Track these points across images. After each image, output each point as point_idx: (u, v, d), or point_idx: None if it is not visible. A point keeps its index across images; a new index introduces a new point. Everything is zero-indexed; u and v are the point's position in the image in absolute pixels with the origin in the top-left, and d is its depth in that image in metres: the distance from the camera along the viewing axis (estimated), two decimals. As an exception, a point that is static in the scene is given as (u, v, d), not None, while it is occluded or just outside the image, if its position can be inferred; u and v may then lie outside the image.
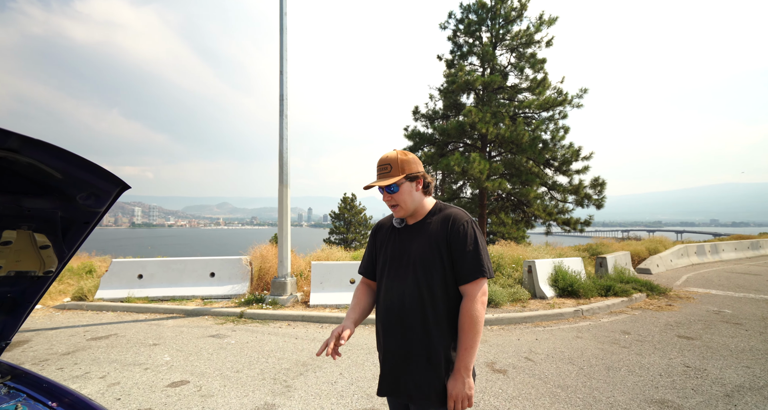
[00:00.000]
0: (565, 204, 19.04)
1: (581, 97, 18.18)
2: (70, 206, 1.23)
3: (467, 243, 1.51)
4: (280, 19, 6.93)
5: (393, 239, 1.67)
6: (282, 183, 6.76)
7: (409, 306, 1.52)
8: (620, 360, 4.36)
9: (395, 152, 1.61)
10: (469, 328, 1.44)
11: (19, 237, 1.24)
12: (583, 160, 18.21)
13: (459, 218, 1.56)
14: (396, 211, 1.62)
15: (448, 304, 1.52)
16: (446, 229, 1.54)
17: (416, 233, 1.61)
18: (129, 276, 7.21)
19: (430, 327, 1.50)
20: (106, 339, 5.09)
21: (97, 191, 1.22)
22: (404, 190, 1.58)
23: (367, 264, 1.80)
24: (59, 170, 1.07)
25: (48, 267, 1.39)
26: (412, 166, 1.60)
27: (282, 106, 6.80)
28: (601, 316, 6.43)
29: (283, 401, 3.32)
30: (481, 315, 1.46)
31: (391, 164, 1.58)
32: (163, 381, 3.73)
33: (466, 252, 1.50)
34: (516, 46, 19.27)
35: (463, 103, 19.07)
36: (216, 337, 5.16)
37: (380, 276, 1.68)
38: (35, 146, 0.97)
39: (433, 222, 1.59)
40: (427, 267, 1.52)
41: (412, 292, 1.52)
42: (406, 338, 1.52)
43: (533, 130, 18.14)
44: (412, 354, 1.50)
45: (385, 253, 1.68)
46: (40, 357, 4.43)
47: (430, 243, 1.54)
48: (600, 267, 9.66)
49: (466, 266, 1.49)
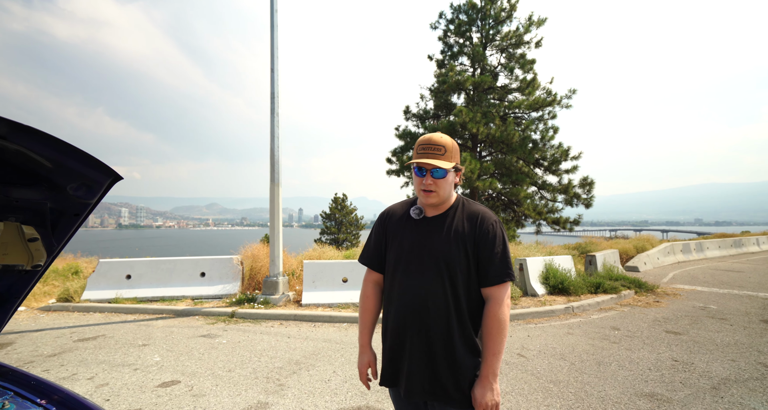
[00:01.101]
0: (554, 203, 19.27)
1: (570, 98, 18.43)
2: (60, 197, 1.20)
3: (496, 244, 1.46)
4: (270, 16, 6.88)
5: (409, 230, 1.55)
6: (273, 181, 6.71)
7: (432, 307, 1.45)
8: (610, 355, 4.42)
9: (447, 137, 1.50)
10: (497, 333, 1.39)
11: (6, 229, 1.20)
12: (572, 160, 18.46)
13: (488, 217, 1.50)
14: (429, 197, 1.48)
15: (470, 306, 1.46)
16: (474, 228, 1.47)
17: (437, 227, 1.51)
18: (117, 277, 7.08)
19: (454, 328, 1.43)
20: (94, 340, 4.99)
21: (89, 181, 1.19)
22: (449, 179, 1.49)
23: (374, 254, 1.66)
24: (49, 159, 1.04)
25: (36, 261, 1.35)
26: (458, 156, 1.53)
27: (273, 104, 6.75)
28: (591, 313, 6.51)
29: (277, 399, 3.29)
30: (508, 319, 1.42)
31: (446, 147, 1.47)
32: (153, 381, 3.67)
33: (494, 254, 1.45)
34: (506, 46, 19.44)
35: (453, 103, 19.17)
36: (207, 337, 5.09)
37: (393, 270, 1.56)
38: (24, 133, 0.94)
39: (457, 218, 1.51)
40: (452, 266, 1.44)
41: (435, 292, 1.45)
42: (429, 339, 1.45)
43: (523, 130, 18.33)
44: (436, 355, 1.44)
45: (400, 246, 1.55)
46: (25, 359, 4.33)
47: (456, 241, 1.46)
48: (589, 264, 9.78)
49: (494, 268, 1.44)
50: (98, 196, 1.27)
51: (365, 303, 1.67)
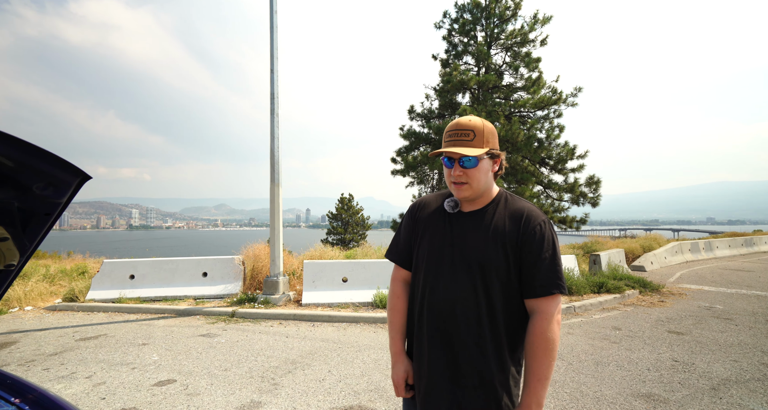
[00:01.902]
0: (560, 202, 19.13)
1: (576, 96, 18.28)
2: (27, 197, 1.21)
3: (544, 248, 1.23)
4: (270, 17, 6.91)
5: (441, 225, 1.36)
6: (274, 182, 6.75)
7: (461, 315, 1.25)
8: (609, 355, 4.36)
9: (479, 119, 1.30)
10: (543, 354, 1.17)
11: (-25, 229, 1.22)
12: (578, 159, 18.31)
13: (535, 216, 1.28)
14: (461, 191, 1.29)
15: (508, 319, 1.26)
16: (518, 228, 1.26)
17: (475, 224, 1.31)
18: (121, 277, 7.17)
19: (486, 343, 1.24)
20: (95, 339, 5.05)
21: (55, 181, 1.20)
22: (482, 167, 1.27)
23: (403, 250, 1.46)
24: (10, 158, 1.05)
25: (8, 260, 1.37)
26: (495, 140, 1.31)
27: (273, 104, 6.78)
28: (593, 313, 6.44)
29: (270, 398, 3.31)
30: (558, 339, 1.20)
31: (475, 131, 1.26)
32: (149, 380, 3.71)
33: (541, 260, 1.23)
34: (511, 45, 19.35)
35: (458, 103, 19.11)
36: (206, 336, 5.14)
37: (419, 269, 1.38)
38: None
39: (498, 215, 1.30)
40: (488, 270, 1.24)
41: (466, 298, 1.25)
42: (454, 353, 1.26)
43: (528, 128, 18.23)
44: (461, 373, 1.25)
45: (431, 242, 1.36)
46: (27, 358, 4.40)
47: (495, 242, 1.26)
48: (594, 264, 9.68)
49: (542, 277, 1.22)
50: (68, 196, 1.29)
51: (395, 303, 1.47)
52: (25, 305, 7.01)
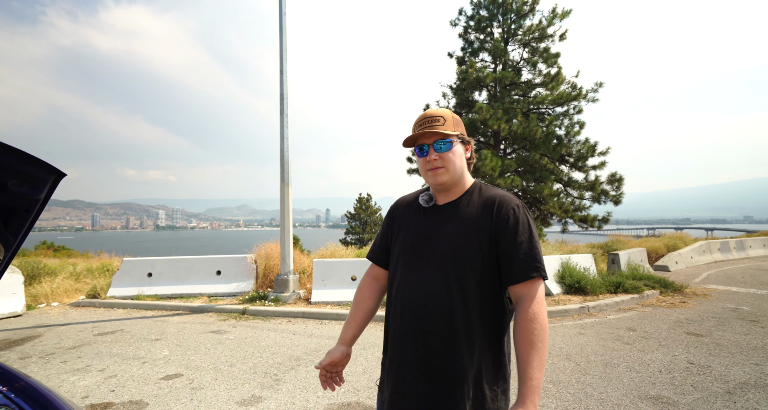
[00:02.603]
0: (581, 201, 18.67)
1: (596, 91, 17.81)
2: (3, 193, 1.27)
3: (519, 232, 1.19)
4: (279, 19, 7.02)
5: (416, 220, 1.36)
6: (283, 181, 6.84)
7: (433, 308, 1.22)
8: (620, 356, 4.22)
9: (445, 108, 1.33)
10: (538, 339, 1.10)
11: (-43, 224, 1.29)
12: (600, 156, 17.83)
13: (508, 201, 1.25)
14: (438, 175, 1.28)
15: (483, 311, 1.22)
16: (491, 215, 1.23)
17: (448, 216, 1.29)
18: (139, 275, 7.43)
19: (459, 336, 1.20)
20: (112, 334, 5.25)
21: (29, 178, 1.25)
22: (456, 151, 1.28)
23: (379, 249, 1.48)
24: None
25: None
26: (463, 128, 1.33)
27: (282, 105, 6.88)
28: (608, 313, 6.25)
29: (270, 394, 3.36)
30: (547, 322, 1.14)
31: (445, 117, 1.28)
32: (158, 374, 3.83)
33: (518, 245, 1.18)
34: (528, 40, 19.01)
35: (475, 101, 18.91)
36: (216, 333, 5.26)
37: (395, 264, 1.37)
38: None
39: (471, 205, 1.28)
40: (461, 260, 1.22)
41: (438, 290, 1.23)
42: (427, 347, 1.23)
43: (547, 125, 17.88)
44: (433, 368, 1.21)
45: (404, 237, 1.35)
46: (48, 351, 4.61)
47: (468, 231, 1.23)
48: (612, 263, 9.39)
49: (520, 262, 1.17)
50: (45, 193, 1.34)
51: (356, 296, 1.51)
52: (51, 301, 7.35)
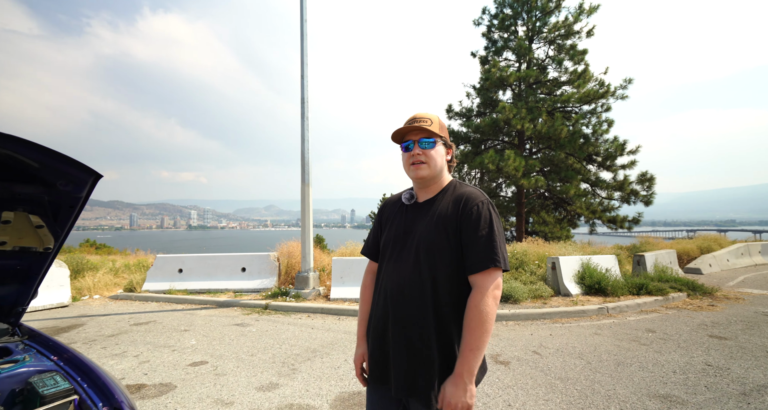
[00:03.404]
0: (610, 201, 18.16)
1: (625, 88, 17.34)
2: (53, 192, 1.51)
3: (480, 226, 1.31)
4: (300, 26, 7.29)
5: (400, 216, 1.51)
6: (304, 182, 7.11)
7: (408, 294, 1.36)
8: (634, 356, 4.19)
9: (433, 113, 1.49)
10: (476, 326, 1.23)
11: (17, 217, 1.54)
12: (629, 154, 17.34)
13: (474, 197, 1.37)
14: (419, 170, 1.43)
15: (453, 299, 1.34)
16: (457, 210, 1.36)
17: (425, 212, 1.43)
18: (171, 271, 7.89)
19: (430, 319, 1.32)
20: (146, 325, 5.65)
21: (73, 179, 1.49)
22: (438, 151, 1.44)
23: (371, 244, 1.64)
24: (34, 160, 1.34)
25: (46, 244, 1.69)
26: (447, 134, 1.50)
27: (303, 108, 7.15)
28: (628, 315, 6.14)
29: (287, 381, 3.57)
30: (492, 312, 1.25)
31: (433, 120, 1.44)
32: (185, 361, 4.13)
33: (477, 237, 1.30)
34: (554, 38, 18.72)
35: (499, 100, 18.74)
36: (240, 326, 5.56)
37: (382, 257, 1.53)
38: (9, 140, 1.24)
39: (444, 201, 1.42)
40: (433, 252, 1.34)
41: (412, 279, 1.36)
42: (401, 329, 1.36)
43: (573, 124, 17.52)
44: (412, 348, 1.34)
45: (389, 232, 1.51)
46: (90, 338, 5.03)
47: (439, 225, 1.36)
48: (637, 265, 9.15)
49: (477, 253, 1.29)
50: (86, 192, 1.58)
51: (363, 293, 1.64)
52: (93, 294, 7.92)
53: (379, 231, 1.61)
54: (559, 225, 19.34)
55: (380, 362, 1.43)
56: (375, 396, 1.51)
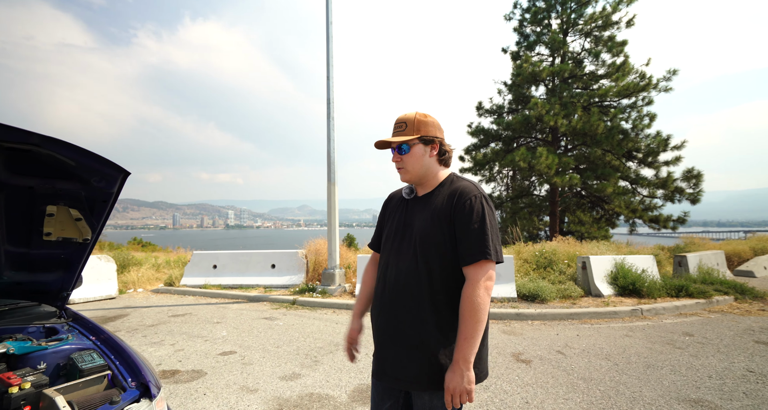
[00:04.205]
0: (652, 199, 17.27)
1: (669, 80, 16.44)
2: (89, 188, 1.68)
3: (472, 220, 1.35)
4: (326, 28, 7.47)
5: (400, 210, 1.57)
6: (330, 181, 7.28)
7: (404, 284, 1.42)
8: (666, 359, 4.01)
9: (414, 112, 1.50)
10: (469, 316, 1.29)
11: (59, 211, 1.73)
12: (674, 150, 16.41)
13: (467, 191, 1.41)
14: (402, 174, 1.51)
15: (447, 289, 1.39)
16: (451, 204, 1.40)
17: (423, 206, 1.48)
18: (206, 266, 8.31)
19: (425, 308, 1.38)
20: (183, 316, 5.99)
21: (105, 176, 1.65)
22: (415, 153, 1.47)
23: (376, 238, 1.70)
24: (72, 159, 1.51)
25: (85, 235, 1.88)
26: (429, 128, 1.48)
27: (329, 109, 7.32)
28: (665, 317, 5.85)
29: (308, 372, 3.71)
30: (483, 302, 1.30)
31: (407, 123, 1.47)
32: (216, 350, 4.37)
33: (470, 230, 1.34)
34: (590, 30, 18.06)
35: (531, 96, 18.28)
36: (268, 319, 5.78)
37: (383, 249, 1.59)
38: (51, 141, 1.40)
39: (441, 195, 1.46)
40: (429, 245, 1.40)
41: (409, 270, 1.41)
42: (399, 318, 1.42)
43: (610, 119, 16.80)
44: (404, 335, 1.40)
45: (390, 225, 1.57)
46: (133, 327, 5.41)
47: (434, 219, 1.41)
48: (678, 266, 8.65)
49: (469, 246, 1.34)
50: (116, 188, 1.74)
51: (363, 276, 1.74)
52: (138, 287, 8.47)
53: (383, 225, 1.67)
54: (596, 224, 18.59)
55: (379, 357, 1.50)
56: (379, 385, 1.56)
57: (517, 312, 5.73)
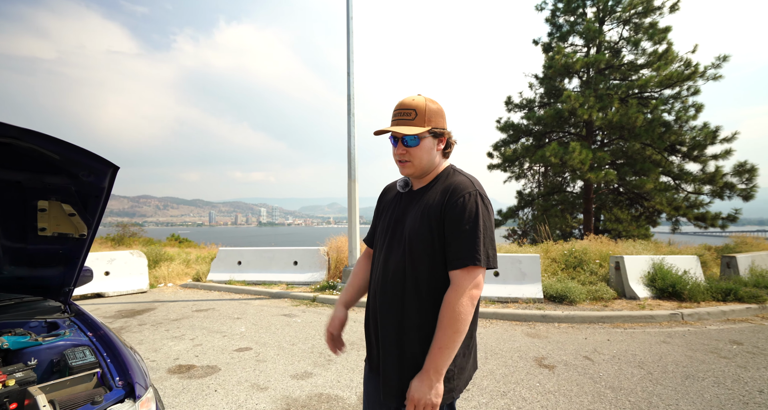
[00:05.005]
0: (698, 196, 16.16)
1: (719, 67, 15.26)
2: (78, 182, 1.65)
3: (463, 220, 1.21)
4: (347, 23, 7.38)
5: (394, 204, 1.46)
6: (350, 178, 7.21)
7: (391, 286, 1.32)
8: (710, 370, 3.65)
9: (423, 97, 1.33)
10: (447, 324, 1.17)
11: (51, 206, 1.71)
12: (723, 142, 15.25)
13: (461, 188, 1.27)
14: (404, 168, 1.36)
15: (434, 291, 1.27)
16: (443, 201, 1.27)
17: (416, 201, 1.37)
18: (231, 262, 8.47)
19: (408, 312, 1.28)
20: (205, 312, 6.11)
21: (93, 170, 1.61)
22: (424, 146, 1.32)
23: (371, 233, 1.60)
24: (55, 153, 1.47)
25: (80, 231, 1.87)
26: (440, 119, 1.33)
27: (349, 105, 7.24)
28: (709, 323, 5.39)
29: (320, 371, 3.64)
30: (466, 312, 1.18)
31: (417, 110, 1.30)
32: (233, 346, 4.39)
33: (460, 232, 1.21)
34: (629, 17, 17.12)
35: (564, 89, 17.52)
36: (287, 316, 5.79)
37: (376, 245, 1.49)
38: (31, 134, 1.37)
39: (434, 190, 1.33)
40: (417, 242, 1.27)
41: (396, 270, 1.31)
42: (383, 318, 1.33)
43: (651, 111, 15.83)
44: (387, 340, 1.31)
45: (383, 220, 1.48)
46: (158, 321, 5.56)
47: (423, 216, 1.29)
48: (727, 268, 7.99)
49: (458, 249, 1.21)
50: (107, 183, 1.70)
51: (354, 268, 1.65)
52: (167, 282, 8.76)
53: (378, 219, 1.56)
54: (635, 222, 17.61)
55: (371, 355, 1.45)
56: (369, 385, 1.49)
57: (543, 313, 5.44)
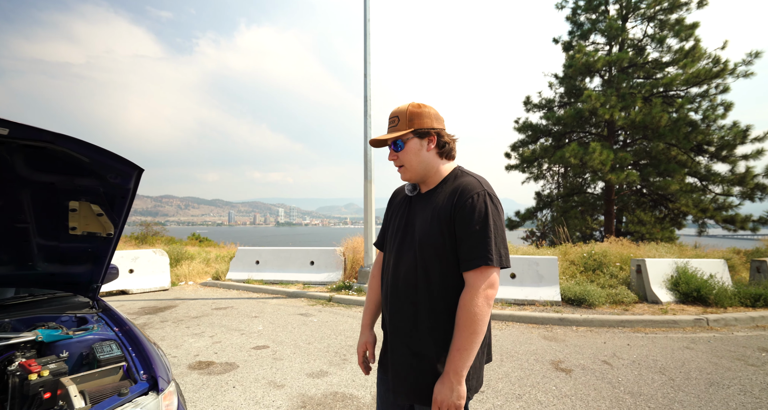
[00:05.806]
0: (727, 198, 15.58)
1: (750, 64, 14.68)
2: (106, 184, 1.74)
3: (474, 220, 1.22)
4: (364, 25, 7.44)
5: (403, 208, 1.47)
6: (366, 179, 7.25)
7: (403, 291, 1.34)
8: (735, 377, 3.53)
9: (407, 104, 1.38)
10: (464, 326, 1.19)
11: (81, 206, 1.80)
12: (754, 142, 14.68)
13: (470, 189, 1.27)
14: (402, 173, 1.40)
15: (446, 294, 1.28)
16: (452, 202, 1.27)
17: (425, 204, 1.37)
18: (249, 262, 8.64)
19: (420, 315, 1.30)
20: (224, 310, 6.25)
21: (120, 172, 1.69)
22: (410, 148, 1.35)
23: (381, 237, 1.61)
24: (86, 156, 1.56)
25: (107, 230, 1.96)
26: (423, 120, 1.34)
27: (366, 106, 7.29)
28: (736, 329, 5.20)
29: (335, 370, 3.69)
30: (483, 312, 1.19)
31: (399, 116, 1.35)
32: (250, 344, 4.49)
33: (471, 232, 1.22)
34: (654, 13, 16.66)
35: (584, 88, 17.17)
36: (304, 315, 5.87)
37: (386, 249, 1.51)
38: (63, 138, 1.45)
39: (442, 193, 1.34)
40: (427, 246, 1.29)
41: (407, 273, 1.33)
42: (395, 324, 1.36)
43: (676, 110, 15.36)
44: (401, 340, 1.34)
45: (393, 224, 1.49)
46: (179, 318, 5.73)
47: (434, 218, 1.29)
48: (757, 272, 7.68)
49: (469, 249, 1.22)
50: (132, 184, 1.78)
51: (370, 282, 1.64)
52: (188, 280, 9.00)
53: (387, 223, 1.58)
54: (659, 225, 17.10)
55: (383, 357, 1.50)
56: (382, 387, 1.55)
57: (561, 316, 5.36)
